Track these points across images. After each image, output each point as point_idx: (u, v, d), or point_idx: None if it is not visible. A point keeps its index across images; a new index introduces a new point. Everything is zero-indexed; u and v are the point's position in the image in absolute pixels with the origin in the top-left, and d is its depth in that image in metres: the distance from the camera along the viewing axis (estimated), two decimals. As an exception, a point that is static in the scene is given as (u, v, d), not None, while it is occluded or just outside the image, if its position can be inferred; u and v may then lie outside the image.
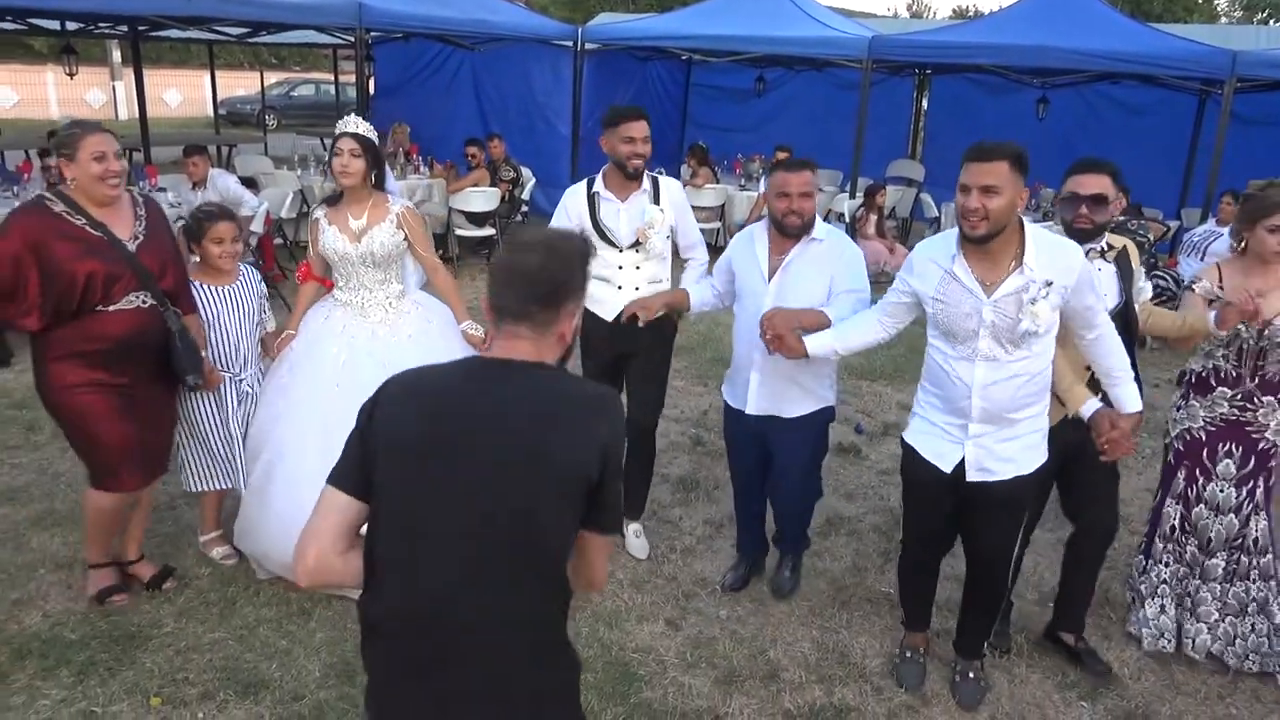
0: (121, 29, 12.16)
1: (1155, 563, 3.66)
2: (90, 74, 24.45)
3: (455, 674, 1.69)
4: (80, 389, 3.27)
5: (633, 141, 3.75)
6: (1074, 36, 8.82)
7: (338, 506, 1.72)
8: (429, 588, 1.67)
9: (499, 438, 1.66)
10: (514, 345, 1.75)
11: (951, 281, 2.90)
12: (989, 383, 2.91)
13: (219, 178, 7.83)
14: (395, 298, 3.84)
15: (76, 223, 3.20)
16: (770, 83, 12.97)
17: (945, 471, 3.06)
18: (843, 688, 3.41)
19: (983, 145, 2.78)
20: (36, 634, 3.43)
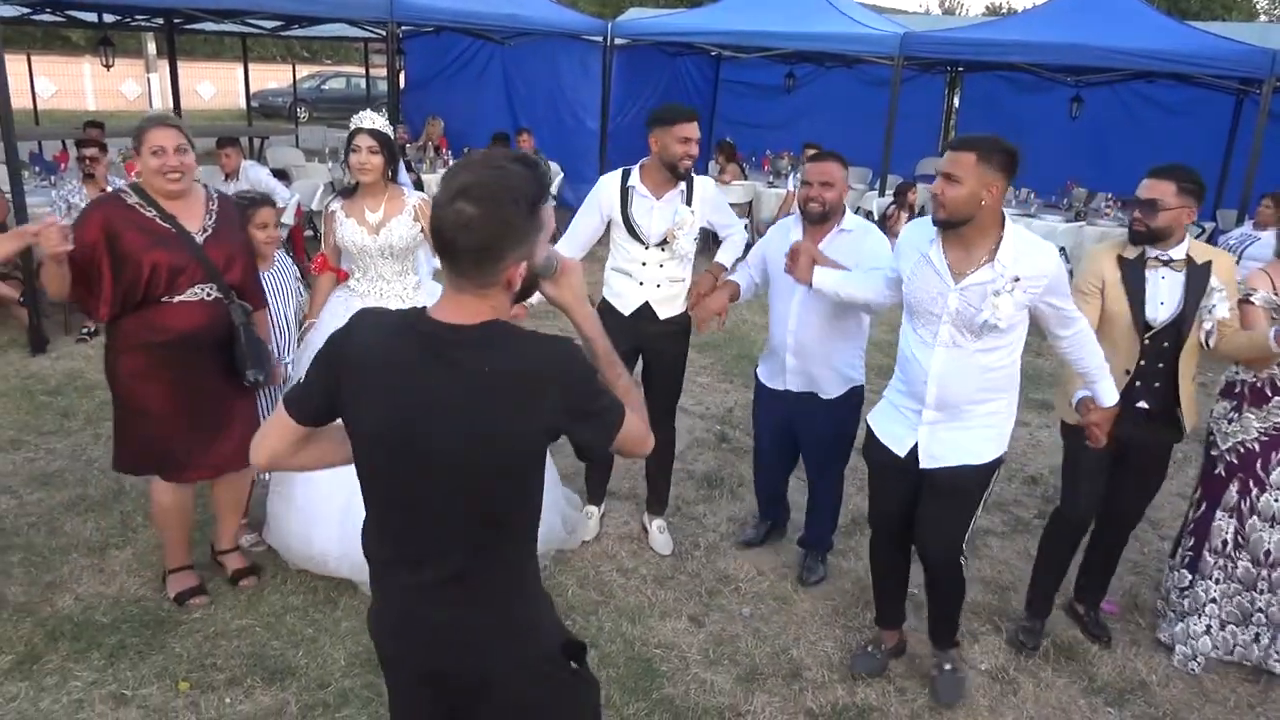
0: (157, 22, 12.30)
1: (1203, 579, 3.54)
2: (126, 66, 24.71)
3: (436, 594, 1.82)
4: (142, 381, 3.30)
5: (688, 142, 3.73)
6: (1109, 34, 8.70)
7: (287, 429, 1.87)
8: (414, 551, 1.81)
9: (451, 425, 1.69)
10: (460, 303, 1.71)
11: (925, 264, 2.98)
12: (946, 370, 2.98)
13: (251, 169, 7.92)
14: (412, 288, 3.93)
15: (147, 214, 3.24)
16: (800, 79, 12.90)
17: (900, 455, 3.14)
18: (865, 688, 3.40)
19: (960, 136, 2.92)
20: (69, 617, 3.49)
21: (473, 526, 1.78)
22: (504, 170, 1.66)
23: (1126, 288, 3.31)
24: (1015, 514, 4.75)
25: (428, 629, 1.85)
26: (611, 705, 3.20)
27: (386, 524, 1.84)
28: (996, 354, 2.96)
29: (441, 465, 1.72)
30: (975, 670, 3.53)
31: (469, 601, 1.82)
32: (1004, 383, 3.04)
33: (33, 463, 4.72)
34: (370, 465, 1.81)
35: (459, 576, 1.80)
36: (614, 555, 4.17)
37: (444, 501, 1.75)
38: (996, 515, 4.81)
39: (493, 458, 1.71)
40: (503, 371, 1.69)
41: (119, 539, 4.03)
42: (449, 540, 1.78)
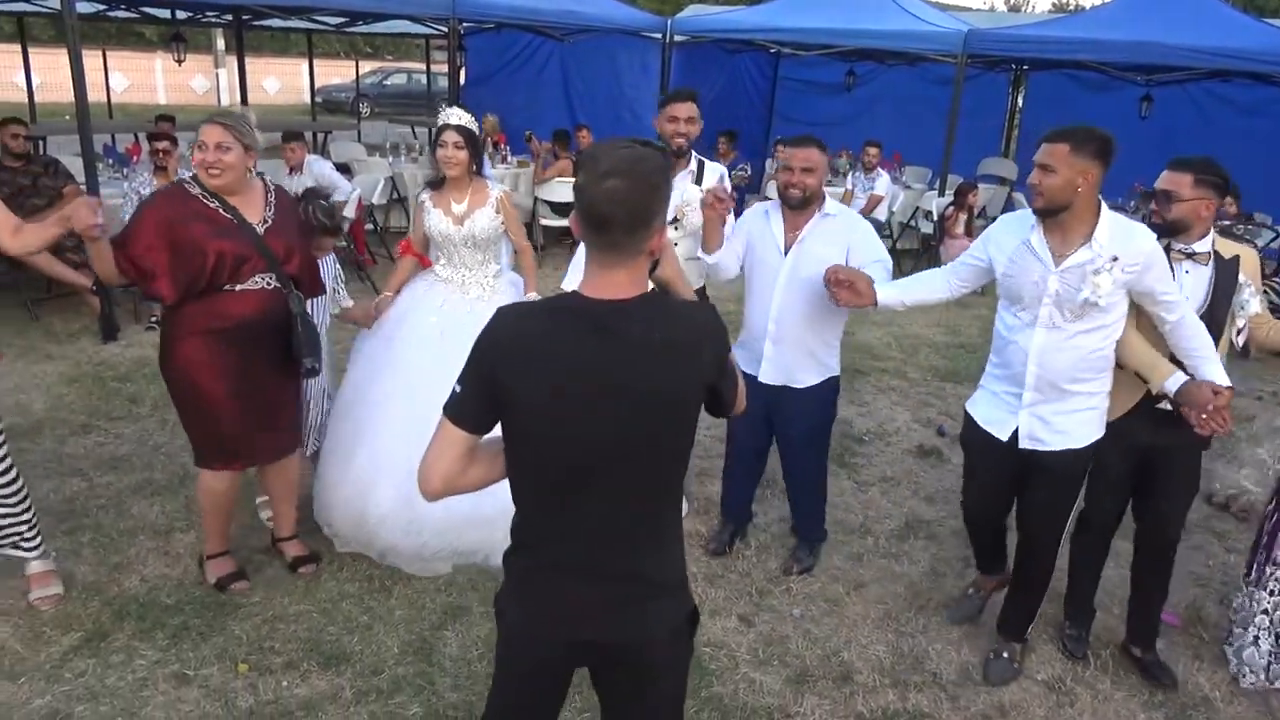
0: (226, 18, 12.59)
1: (1259, 589, 3.45)
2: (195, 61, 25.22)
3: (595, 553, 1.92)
4: (202, 367, 3.38)
5: (676, 121, 3.96)
6: (1182, 31, 8.46)
7: (456, 440, 1.87)
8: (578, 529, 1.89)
9: (623, 392, 1.79)
10: (611, 278, 1.82)
11: (1026, 250, 3.07)
12: (1045, 350, 3.07)
13: (315, 163, 8.05)
14: (493, 277, 4.11)
15: (210, 205, 3.34)
16: (860, 77, 12.76)
17: (1001, 439, 3.23)
18: (917, 694, 3.36)
19: (1056, 128, 2.95)
20: (135, 597, 3.59)
21: (640, 494, 1.89)
22: (634, 148, 1.80)
23: None
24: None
25: (584, 602, 1.93)
26: (660, 702, 3.20)
27: (548, 507, 1.90)
28: (1095, 335, 3.03)
29: (614, 434, 1.81)
30: (1031, 680, 3.47)
31: (639, 563, 1.93)
32: (1101, 364, 3.11)
33: (102, 447, 4.87)
34: (535, 448, 1.86)
35: (631, 536, 1.91)
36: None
37: (613, 472, 1.85)
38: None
39: (666, 418, 1.85)
40: (671, 338, 1.83)
41: (183, 523, 4.14)
42: (616, 512, 1.88)
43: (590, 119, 11.55)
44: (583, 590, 1.93)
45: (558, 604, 1.95)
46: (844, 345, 4.00)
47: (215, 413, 3.43)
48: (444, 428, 1.88)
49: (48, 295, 7.12)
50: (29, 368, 5.94)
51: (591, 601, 1.93)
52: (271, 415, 3.58)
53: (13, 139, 6.79)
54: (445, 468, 1.88)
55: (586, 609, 1.94)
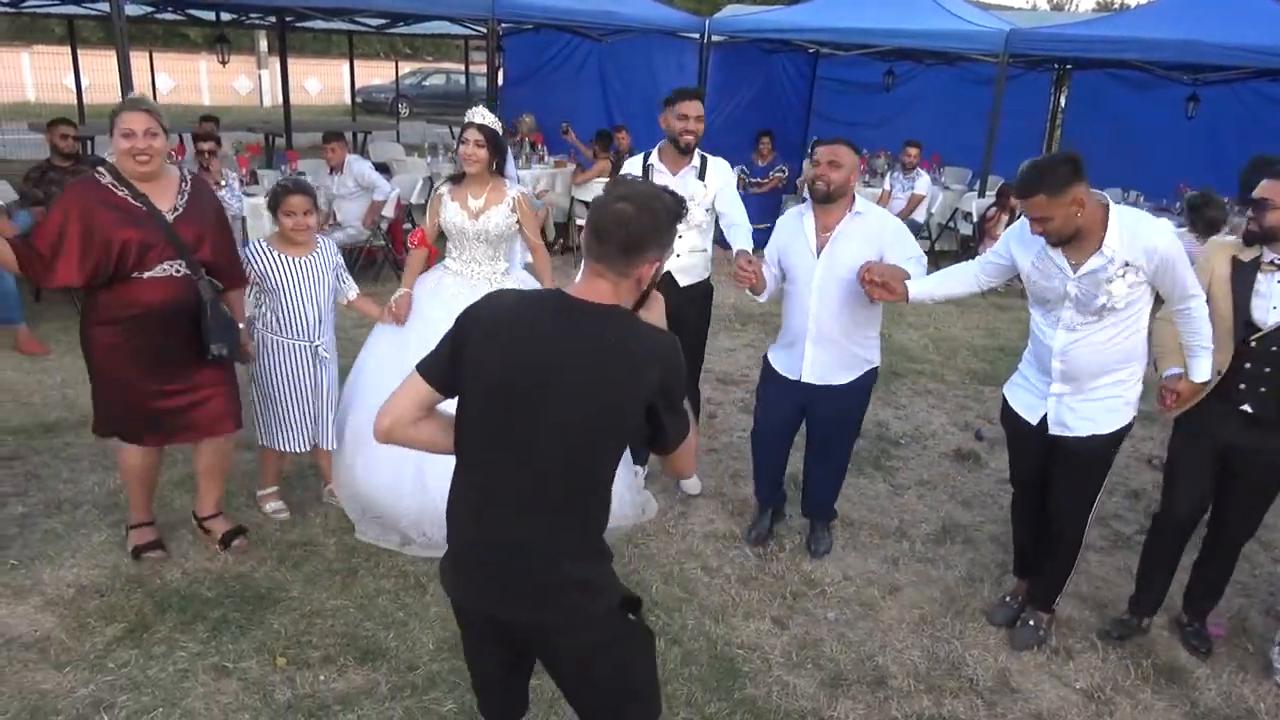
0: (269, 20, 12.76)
1: None
2: (238, 63, 25.70)
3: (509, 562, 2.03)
4: (115, 352, 3.50)
5: (685, 119, 4.14)
6: (1229, 30, 8.29)
7: (419, 392, 2.05)
8: (497, 507, 2.01)
9: (568, 386, 1.92)
10: (595, 285, 1.99)
11: (1046, 257, 3.20)
12: (1069, 349, 3.23)
13: (355, 163, 8.14)
14: (502, 273, 4.20)
15: (119, 194, 3.41)
16: (899, 76, 12.63)
17: (1032, 424, 3.40)
18: (953, 700, 3.32)
19: (1018, 183, 3.05)
20: (176, 589, 3.66)
21: (566, 480, 1.99)
22: (655, 189, 2.04)
23: (1234, 288, 3.28)
24: (1115, 529, 4.58)
25: (499, 580, 2.04)
26: (693, 704, 3.20)
27: (481, 475, 2.03)
28: (1117, 330, 3.16)
29: (554, 415, 1.93)
30: (1070, 688, 3.42)
31: (545, 556, 2.01)
32: (1126, 355, 3.23)
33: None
34: (482, 415, 1.99)
35: (540, 522, 2.00)
36: (699, 554, 4.17)
37: (545, 454, 1.96)
38: (1095, 530, 4.64)
39: (599, 416, 1.95)
40: (621, 343, 1.95)
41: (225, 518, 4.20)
42: (540, 494, 1.99)
43: (627, 119, 11.55)
44: (489, 563, 2.05)
45: (476, 577, 2.08)
46: (881, 348, 3.99)
47: (126, 395, 3.55)
48: (411, 378, 2.07)
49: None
50: (76, 362, 6.03)
51: (496, 576, 2.05)
52: (188, 397, 3.66)
53: (62, 139, 6.94)
54: (398, 411, 2.05)
55: (501, 585, 2.04)
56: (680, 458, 2.12)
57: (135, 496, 3.86)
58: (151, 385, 3.56)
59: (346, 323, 4.88)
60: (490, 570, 2.05)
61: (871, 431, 5.57)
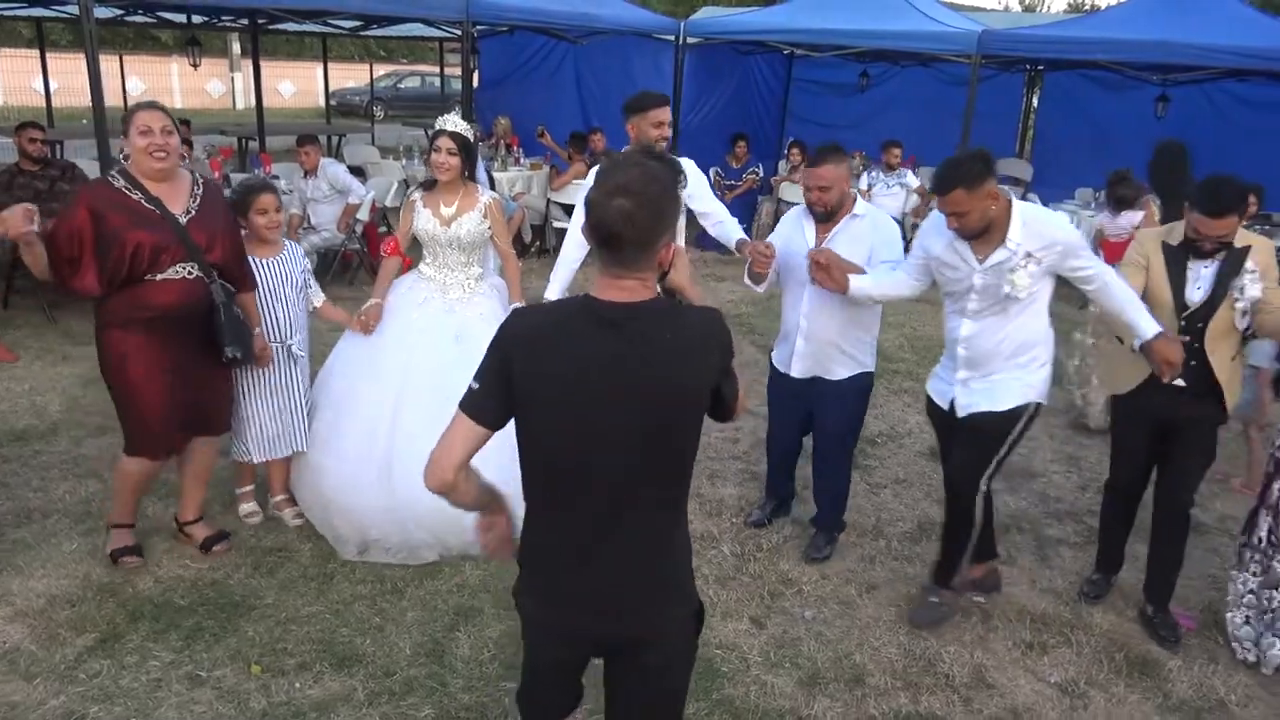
0: (242, 22, 12.67)
1: (1243, 571, 3.63)
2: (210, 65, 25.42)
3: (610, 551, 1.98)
4: (128, 357, 3.48)
5: (661, 126, 4.09)
6: (1198, 30, 8.39)
7: (472, 435, 1.93)
8: (592, 530, 1.95)
9: (636, 387, 1.86)
10: (623, 285, 1.89)
11: (954, 250, 3.40)
12: (973, 336, 3.45)
13: (329, 166, 8.08)
14: (474, 279, 4.22)
15: (132, 196, 3.42)
16: (874, 77, 12.70)
17: (944, 409, 3.63)
18: (930, 696, 3.34)
19: (935, 180, 3.24)
20: (149, 598, 3.62)
21: (646, 490, 1.94)
22: (645, 165, 1.89)
23: (1170, 272, 3.48)
24: (1089, 524, 4.61)
25: (600, 595, 2.00)
26: (671, 704, 3.20)
27: (558, 502, 1.97)
28: (1021, 318, 3.37)
29: (623, 429, 1.87)
30: (1044, 682, 3.45)
31: (645, 557, 1.99)
32: (1026, 344, 3.43)
33: (118, 448, 4.88)
34: (546, 436, 1.92)
35: (637, 531, 1.96)
36: (676, 554, 4.17)
37: (620, 467, 1.90)
38: (1069, 525, 4.69)
39: (672, 415, 1.92)
40: (679, 339, 1.90)
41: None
42: (632, 508, 1.94)
43: (604, 121, 11.55)
44: (590, 585, 1.99)
45: (566, 598, 2.02)
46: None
47: (144, 402, 3.54)
48: (459, 421, 1.93)
49: (65, 297, 7.17)
50: (45, 370, 5.99)
51: (599, 596, 1.99)
52: (199, 404, 3.67)
53: (30, 143, 6.85)
54: (458, 458, 1.93)
55: (594, 604, 2.00)
56: (739, 404, 2.11)
57: (124, 501, 3.81)
58: (164, 393, 3.54)
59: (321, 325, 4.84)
60: (594, 589, 1.99)
61: (848, 431, 5.59)
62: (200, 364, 3.60)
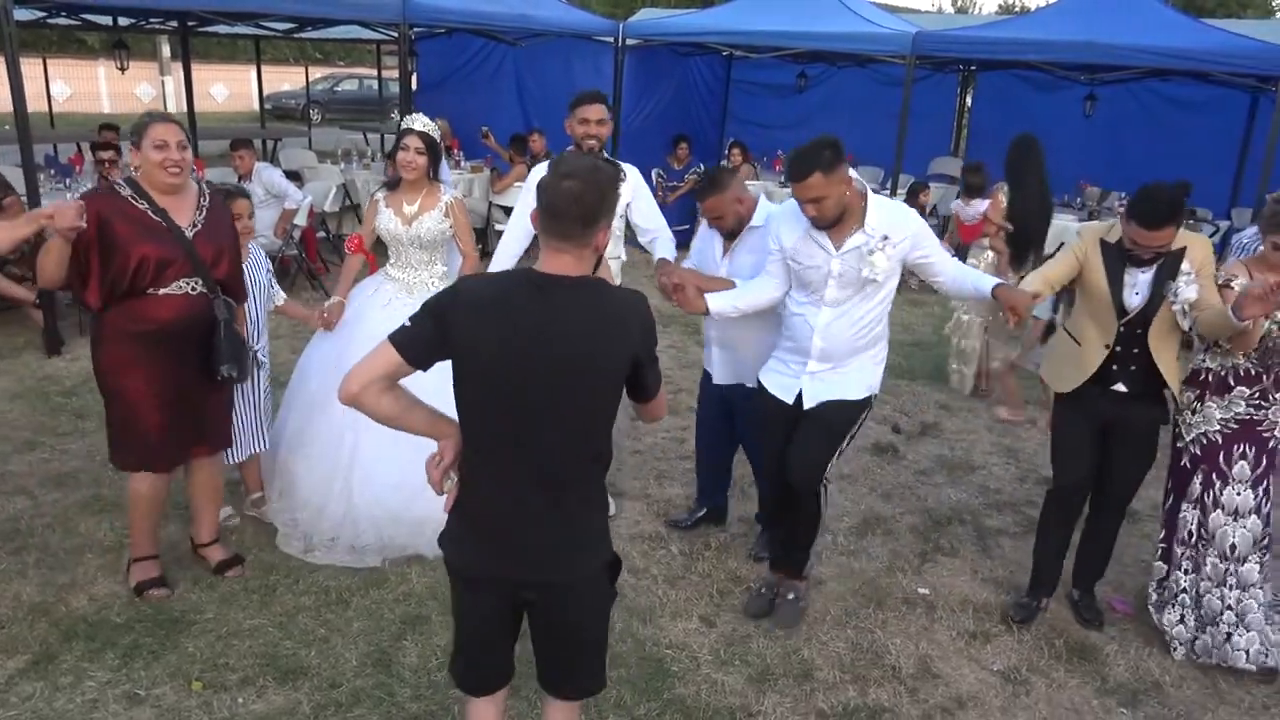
0: (171, 24, 12.38)
1: (1175, 569, 3.65)
2: (140, 69, 24.86)
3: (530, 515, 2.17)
4: (125, 370, 3.37)
5: (587, 123, 4.07)
6: (1123, 32, 8.63)
7: (390, 362, 2.11)
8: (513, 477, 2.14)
9: (558, 350, 2.06)
10: (560, 260, 2.11)
11: (810, 239, 3.41)
12: (830, 325, 3.45)
13: (264, 171, 7.94)
14: (439, 278, 4.22)
15: (139, 206, 3.32)
16: (812, 78, 12.83)
17: (787, 402, 3.58)
18: (877, 688, 3.38)
19: (792, 165, 3.24)
20: (83, 617, 3.51)
21: (575, 442, 2.15)
22: (593, 161, 2.20)
23: (1107, 270, 3.46)
24: (1028, 514, 4.72)
25: (518, 544, 2.18)
26: (623, 706, 3.20)
27: (488, 448, 2.15)
28: (872, 309, 3.44)
29: (550, 383, 2.07)
30: (988, 671, 3.52)
31: (561, 510, 2.17)
32: (876, 334, 3.52)
33: (48, 464, 4.76)
34: (483, 392, 2.11)
35: (555, 486, 2.15)
36: (626, 555, 4.15)
37: (554, 421, 2.10)
38: (1009, 515, 4.79)
39: (594, 379, 2.12)
40: (603, 310, 2.12)
41: (133, 539, 4.06)
42: (553, 459, 2.13)
43: (545, 123, 11.49)
44: (512, 533, 2.17)
45: (490, 547, 2.20)
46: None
47: (139, 415, 3.43)
48: (382, 347, 2.12)
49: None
50: (-29, 384, 5.78)
51: (520, 544, 2.18)
52: (198, 419, 3.58)
53: (-51, 150, 6.62)
54: (367, 376, 2.11)
55: (515, 553, 2.18)
56: (658, 404, 2.34)
57: (141, 529, 3.65)
58: (164, 408, 3.43)
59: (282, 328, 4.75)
60: (509, 537, 2.17)
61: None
62: (200, 379, 3.50)
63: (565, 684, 2.39)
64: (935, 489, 5.05)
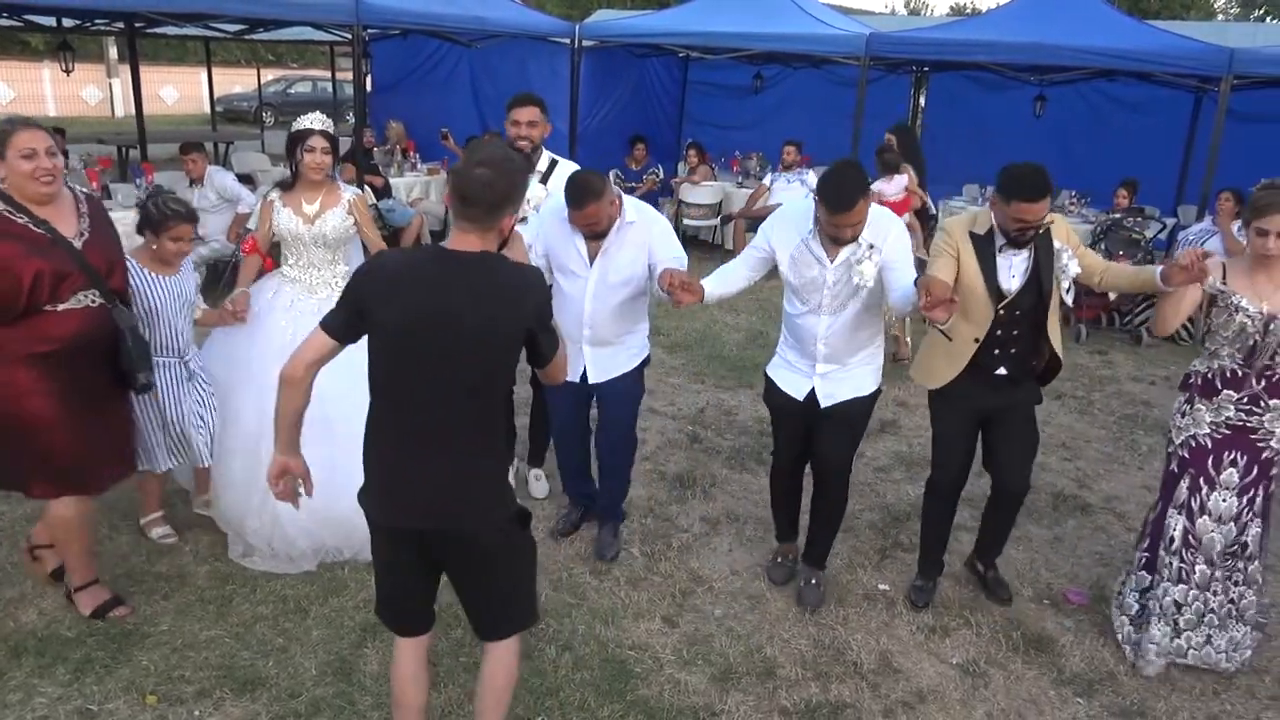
0: (118, 25, 12.13)
1: (1164, 580, 3.51)
2: (86, 71, 24.38)
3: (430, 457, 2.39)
4: (27, 394, 3.15)
5: (518, 125, 4.19)
6: (1071, 34, 8.80)
7: (325, 345, 2.40)
8: (417, 433, 2.37)
9: (463, 322, 2.27)
10: (467, 239, 2.34)
11: (805, 250, 3.53)
12: (831, 331, 3.59)
13: (216, 175, 7.82)
14: (341, 277, 4.13)
15: (19, 221, 3.10)
16: (768, 80, 12.93)
17: (799, 399, 3.73)
18: (839, 685, 3.41)
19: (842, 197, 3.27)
20: (33, 631, 3.43)
21: (474, 401, 2.35)
22: (507, 151, 2.42)
23: (979, 261, 3.51)
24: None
25: (425, 496, 2.38)
26: (586, 708, 3.20)
27: (399, 407, 2.37)
28: (866, 309, 3.56)
29: (456, 348, 2.28)
30: (947, 664, 3.56)
31: (458, 465, 2.37)
32: (874, 332, 3.68)
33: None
34: (391, 355, 2.33)
35: (453, 443, 2.36)
36: (586, 557, 4.16)
37: (454, 382, 2.31)
38: (965, 510, 4.82)
39: (492, 341, 2.32)
40: (500, 283, 2.32)
41: (84, 551, 3.97)
42: (454, 417, 2.34)
43: (500, 125, 11.40)
44: (414, 484, 2.39)
45: (395, 495, 2.42)
46: (761, 344, 4.07)
47: (48, 439, 3.20)
48: (316, 333, 2.40)
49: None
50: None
51: (420, 494, 2.39)
52: (110, 438, 3.41)
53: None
54: (310, 358, 2.40)
55: (423, 505, 2.39)
56: (556, 366, 2.54)
57: (76, 553, 3.46)
58: (79, 428, 3.23)
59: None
60: (416, 489, 2.38)
61: (754, 428, 5.68)
62: (108, 396, 3.35)
63: (490, 628, 2.61)
64: (894, 485, 5.10)
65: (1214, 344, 3.39)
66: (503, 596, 2.56)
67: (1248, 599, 3.52)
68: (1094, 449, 5.70)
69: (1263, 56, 8.78)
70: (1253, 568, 3.51)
